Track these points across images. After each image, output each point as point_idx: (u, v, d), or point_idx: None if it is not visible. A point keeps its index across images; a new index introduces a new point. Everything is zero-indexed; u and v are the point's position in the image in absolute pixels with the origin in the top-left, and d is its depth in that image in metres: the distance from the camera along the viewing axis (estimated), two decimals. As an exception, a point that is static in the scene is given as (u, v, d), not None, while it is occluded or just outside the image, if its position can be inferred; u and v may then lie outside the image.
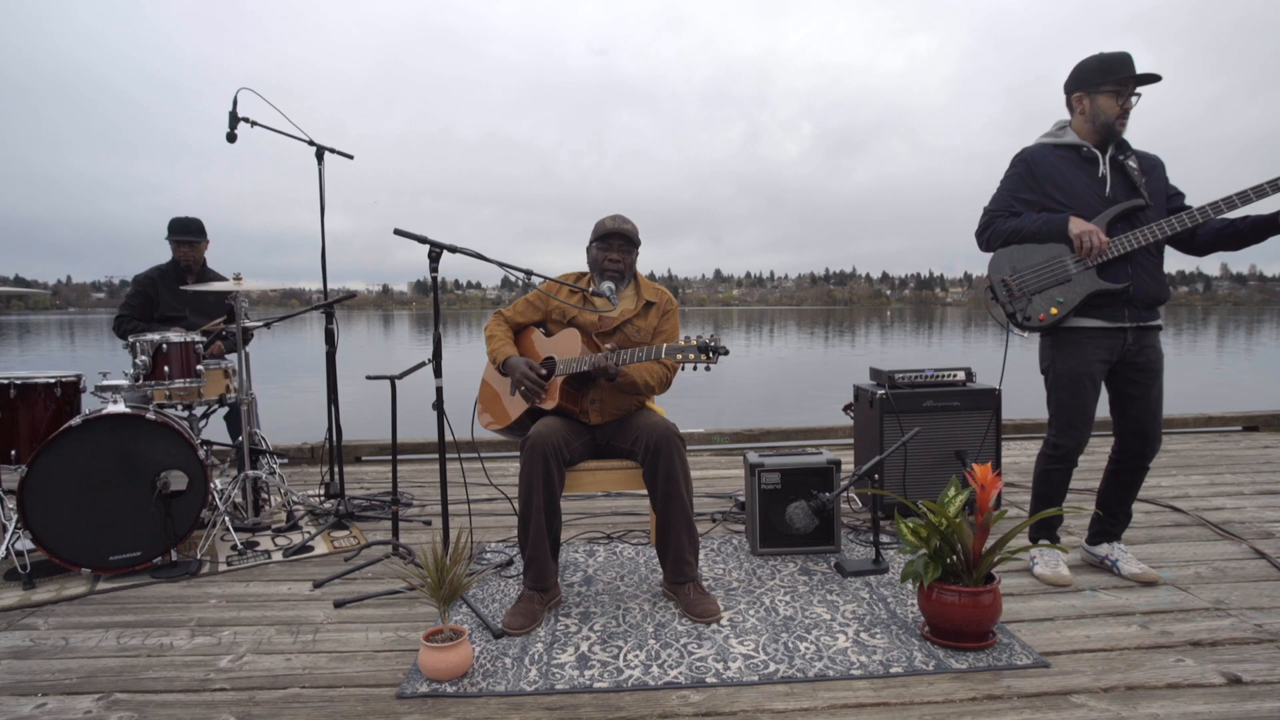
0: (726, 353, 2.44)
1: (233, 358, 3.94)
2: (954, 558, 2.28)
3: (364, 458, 5.22)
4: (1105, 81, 2.63)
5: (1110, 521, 2.82)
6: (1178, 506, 3.62)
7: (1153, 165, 2.71)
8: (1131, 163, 2.66)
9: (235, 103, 3.69)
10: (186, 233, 4.20)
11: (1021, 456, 4.88)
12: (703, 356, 2.43)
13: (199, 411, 3.81)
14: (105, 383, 3.18)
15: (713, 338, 2.43)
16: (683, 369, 2.51)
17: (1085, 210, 2.65)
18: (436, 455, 2.64)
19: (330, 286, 4.15)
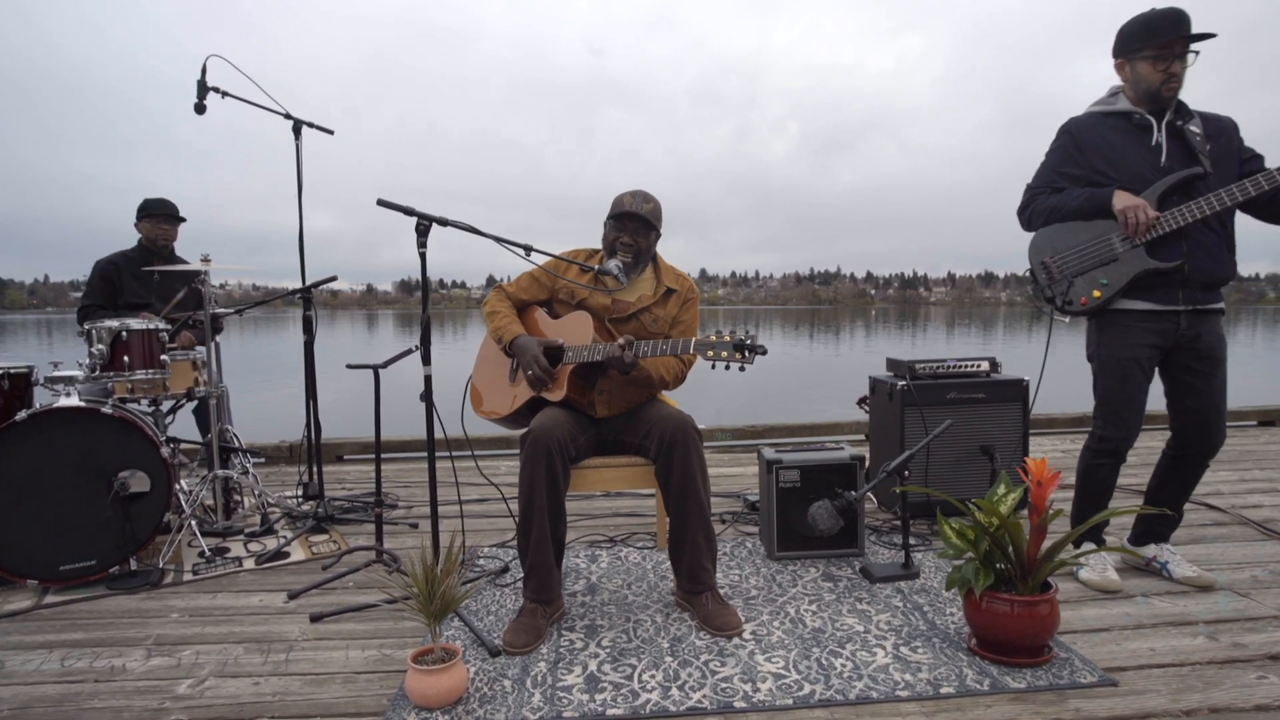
0: (764, 352, 2.15)
1: (202, 348, 3.64)
2: (1005, 563, 2.05)
3: (346, 456, 4.91)
4: (1145, 45, 2.37)
5: (1159, 520, 2.59)
6: (1213, 504, 3.42)
7: (1221, 129, 2.45)
8: (1193, 127, 2.40)
9: (204, 71, 3.39)
10: (164, 210, 3.89)
11: (1037, 452, 4.67)
12: (737, 355, 2.14)
13: (166, 406, 3.52)
14: (57, 374, 2.87)
15: (749, 334, 2.16)
16: (713, 367, 2.23)
17: (1137, 183, 2.42)
18: (423, 454, 2.38)
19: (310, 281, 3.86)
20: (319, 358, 3.58)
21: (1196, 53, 2.37)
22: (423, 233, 2.32)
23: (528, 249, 2.38)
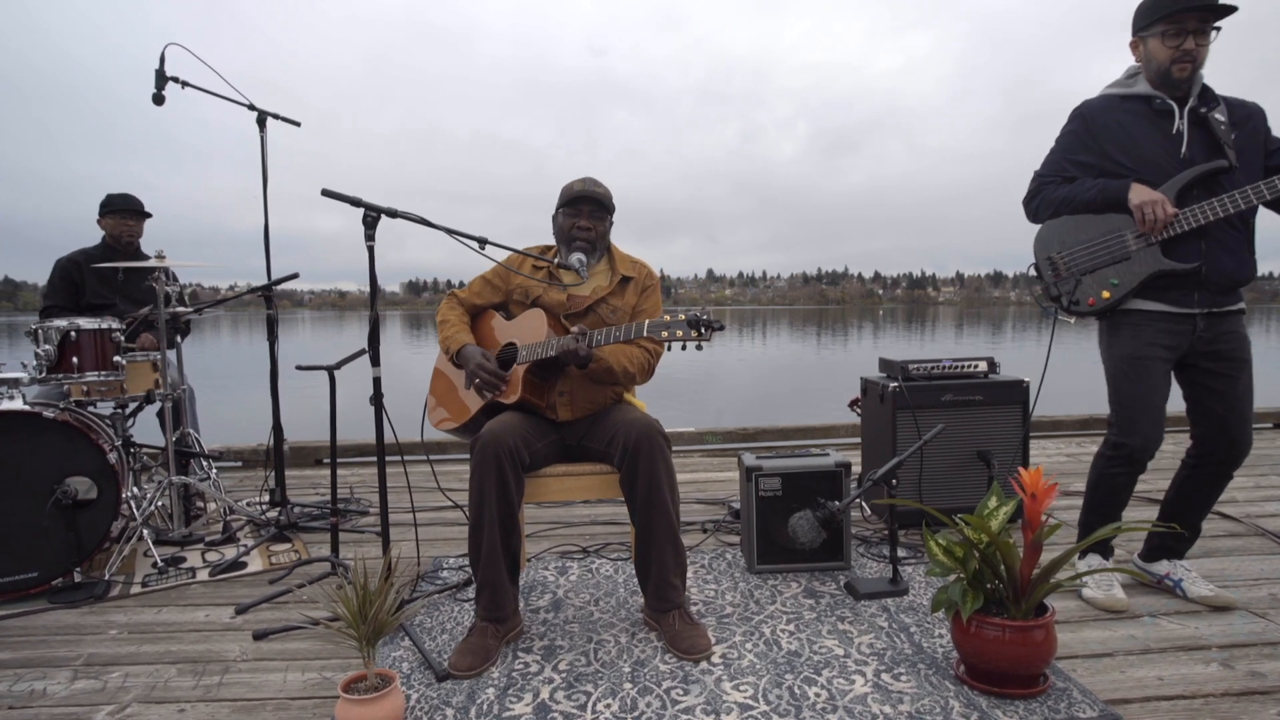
0: (721, 328, 2.02)
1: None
2: (997, 583, 1.87)
3: (324, 460, 4.77)
4: (1156, 18, 2.17)
5: (1174, 535, 2.39)
6: (1227, 513, 3.22)
7: (1247, 115, 2.24)
8: (1218, 115, 2.19)
9: (162, 60, 3.25)
10: (129, 206, 3.75)
11: (1040, 457, 4.48)
12: (693, 333, 2.01)
13: (130, 409, 3.37)
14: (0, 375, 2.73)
15: (704, 310, 2.02)
16: (669, 348, 2.09)
17: (1154, 174, 2.22)
18: (398, 458, 2.23)
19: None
20: (319, 358, 3.44)
21: (1218, 29, 2.17)
22: (370, 224, 2.17)
23: (482, 242, 2.22)
